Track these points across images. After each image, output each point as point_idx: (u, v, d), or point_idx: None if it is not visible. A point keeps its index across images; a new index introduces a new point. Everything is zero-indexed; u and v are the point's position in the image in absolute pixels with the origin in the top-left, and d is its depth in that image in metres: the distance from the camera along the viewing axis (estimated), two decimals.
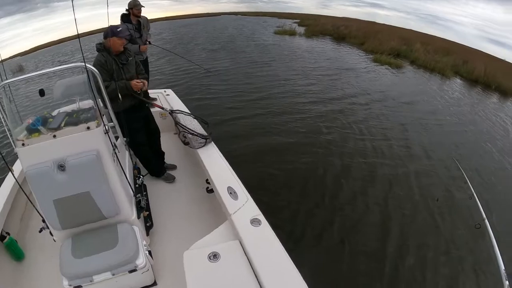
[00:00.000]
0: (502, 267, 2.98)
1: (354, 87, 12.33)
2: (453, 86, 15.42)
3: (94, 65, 3.12)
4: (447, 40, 29.53)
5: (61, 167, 2.30)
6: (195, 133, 3.89)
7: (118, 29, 3.40)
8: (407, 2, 46.95)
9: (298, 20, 34.14)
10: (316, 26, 27.93)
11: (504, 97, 14.87)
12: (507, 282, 2.80)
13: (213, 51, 17.88)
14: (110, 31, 3.39)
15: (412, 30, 32.76)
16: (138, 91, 3.60)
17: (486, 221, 3.65)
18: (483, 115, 11.62)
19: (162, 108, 4.36)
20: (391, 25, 34.27)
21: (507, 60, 23.72)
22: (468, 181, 4.77)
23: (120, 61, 3.51)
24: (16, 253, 3.00)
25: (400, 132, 8.79)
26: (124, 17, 5.49)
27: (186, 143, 4.07)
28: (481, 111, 11.97)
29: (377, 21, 36.45)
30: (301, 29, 27.39)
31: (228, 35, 24.08)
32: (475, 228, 3.75)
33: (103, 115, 2.59)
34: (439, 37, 30.29)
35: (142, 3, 5.47)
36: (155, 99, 5.28)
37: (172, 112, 4.22)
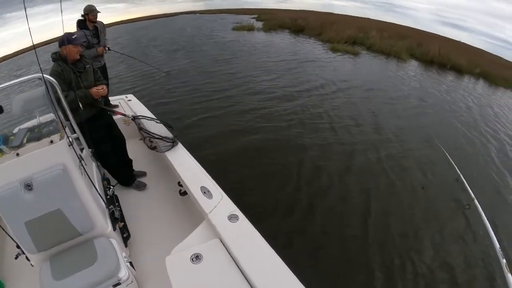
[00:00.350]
0: (497, 245, 2.98)
1: (317, 78, 12.54)
2: (411, 68, 16.09)
3: (50, 76, 2.96)
4: (403, 26, 30.44)
5: (28, 186, 2.21)
6: (160, 137, 3.82)
7: (73, 37, 3.30)
8: None
9: (256, 15, 34.15)
10: (274, 20, 28.06)
11: (459, 75, 15.72)
12: (504, 260, 2.80)
13: (172, 51, 17.62)
14: (65, 39, 3.28)
15: (369, 18, 33.52)
16: (100, 98, 3.52)
17: (476, 201, 3.68)
18: (445, 93, 12.31)
19: (124, 115, 4.22)
20: (348, 15, 34.94)
21: (462, 41, 24.65)
22: (453, 163, 4.83)
23: (77, 69, 3.41)
24: None
25: (370, 118, 9.08)
26: (81, 23, 5.30)
27: (153, 148, 4.01)
28: (442, 90, 12.64)
29: (334, 12, 37.05)
30: (260, 24, 27.45)
31: (187, 35, 23.76)
32: (465, 209, 3.78)
33: (65, 127, 2.52)
34: (396, 24, 31.14)
35: (97, 8, 5.32)
36: (116, 106, 5.17)
37: (134, 118, 4.11)
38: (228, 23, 28.82)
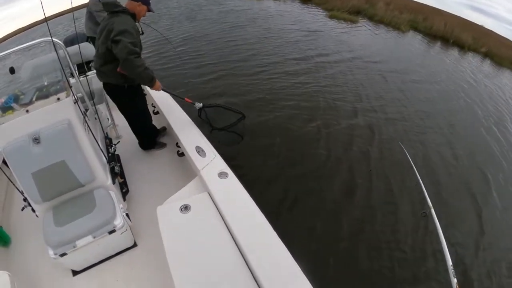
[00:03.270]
0: (450, 262, 2.68)
1: (320, 47, 12.02)
2: (414, 41, 15.55)
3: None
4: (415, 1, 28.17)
5: (36, 140, 2.35)
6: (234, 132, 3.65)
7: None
8: None
9: None
10: None
11: (463, 51, 15.18)
12: (455, 280, 2.55)
13: (184, 20, 17.02)
14: None
15: None
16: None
17: (432, 210, 3.45)
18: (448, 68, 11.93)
19: (193, 104, 3.67)
20: None
21: (485, 26, 22.63)
22: (414, 166, 4.44)
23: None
24: (3, 239, 3.00)
25: (360, 89, 8.78)
26: None
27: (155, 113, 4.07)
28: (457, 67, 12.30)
29: None
30: None
31: (197, 3, 22.99)
32: (421, 216, 3.58)
33: (71, 86, 2.62)
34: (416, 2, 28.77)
35: None
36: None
37: (204, 107, 3.66)
38: None
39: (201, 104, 3.70)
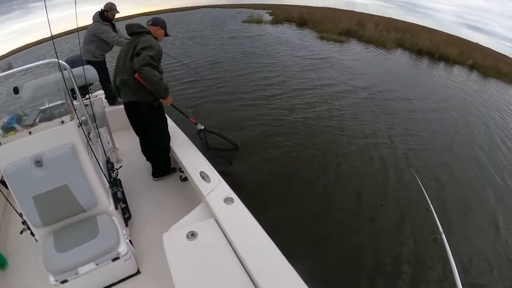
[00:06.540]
0: (460, 286, 2.63)
1: (325, 77, 11.69)
2: (401, 58, 16.03)
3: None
4: (408, 22, 28.31)
5: (38, 162, 2.16)
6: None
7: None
8: None
9: (271, 10, 32.35)
10: (282, 14, 27.32)
11: (450, 65, 15.91)
12: None
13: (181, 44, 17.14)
14: (164, 23, 3.31)
15: (373, 15, 30.68)
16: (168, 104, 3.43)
17: (443, 235, 3.34)
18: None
19: (196, 124, 4.09)
20: (360, 12, 32.11)
21: (480, 44, 22.89)
22: (424, 191, 4.25)
23: None
24: None
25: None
26: (102, 15, 4.95)
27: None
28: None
29: (355, 10, 34.35)
30: (269, 18, 26.72)
31: (199, 29, 22.94)
32: (432, 241, 3.44)
33: (75, 109, 2.45)
34: (397, 19, 28.85)
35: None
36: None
37: (205, 130, 4.15)
38: (242, 16, 27.87)
39: (202, 126, 4.12)
